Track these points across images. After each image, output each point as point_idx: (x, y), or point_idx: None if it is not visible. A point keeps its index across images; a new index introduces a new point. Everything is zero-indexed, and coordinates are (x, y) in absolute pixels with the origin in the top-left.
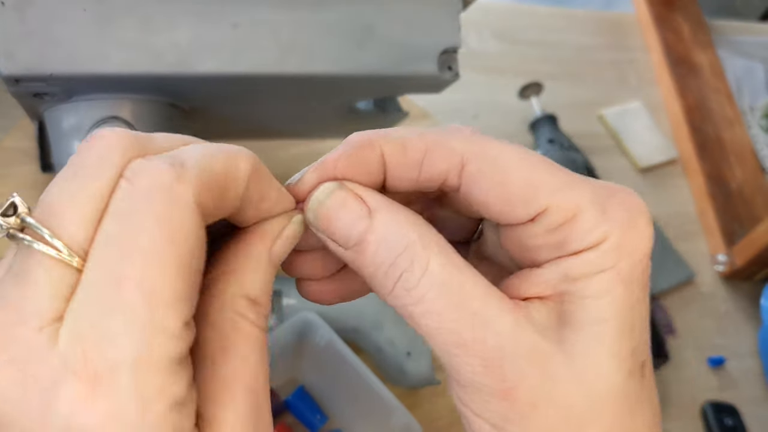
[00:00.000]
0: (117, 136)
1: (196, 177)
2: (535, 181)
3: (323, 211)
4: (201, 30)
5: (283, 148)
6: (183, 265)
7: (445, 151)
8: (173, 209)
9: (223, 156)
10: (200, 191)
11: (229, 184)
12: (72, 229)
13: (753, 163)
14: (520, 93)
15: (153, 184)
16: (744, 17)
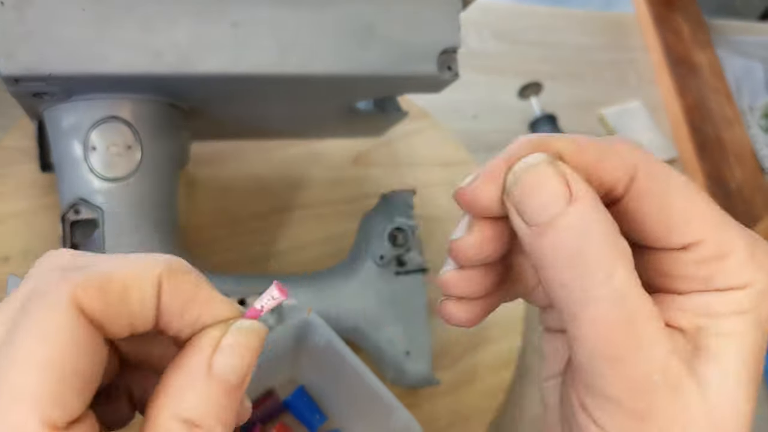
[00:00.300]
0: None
1: (82, 279)
2: (696, 211)
3: (526, 178)
4: (201, 30)
5: (282, 148)
6: (53, 365)
7: (620, 159)
8: (47, 311)
9: (128, 262)
10: (83, 292)
11: (130, 291)
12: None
13: (752, 163)
14: (519, 93)
15: (34, 286)
16: (744, 17)
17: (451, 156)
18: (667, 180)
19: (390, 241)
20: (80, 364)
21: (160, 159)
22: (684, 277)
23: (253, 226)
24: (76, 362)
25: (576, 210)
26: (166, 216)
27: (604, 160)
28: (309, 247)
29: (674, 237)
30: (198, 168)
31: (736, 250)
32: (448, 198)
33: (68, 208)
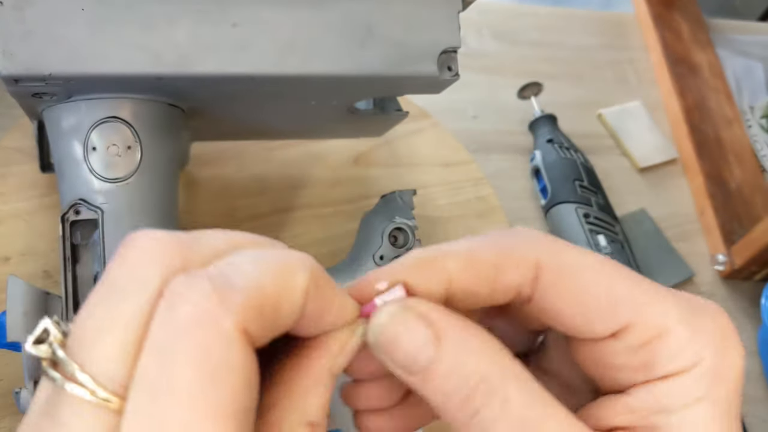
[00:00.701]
0: (155, 243)
1: (243, 302)
2: (616, 293)
3: (385, 336)
4: (201, 30)
5: (282, 148)
6: (228, 406)
7: (518, 262)
8: (215, 345)
9: (276, 271)
10: (247, 318)
11: (282, 305)
12: (106, 365)
13: (752, 163)
14: (519, 93)
15: (194, 313)
16: (744, 17)
17: (451, 156)
18: (576, 268)
19: (390, 241)
20: (250, 401)
21: (160, 159)
22: (622, 366)
23: (253, 226)
24: (250, 398)
25: (446, 351)
26: (167, 216)
27: (500, 266)
28: (309, 247)
29: (598, 325)
30: (198, 168)
31: (670, 328)
32: (448, 198)
33: (68, 209)
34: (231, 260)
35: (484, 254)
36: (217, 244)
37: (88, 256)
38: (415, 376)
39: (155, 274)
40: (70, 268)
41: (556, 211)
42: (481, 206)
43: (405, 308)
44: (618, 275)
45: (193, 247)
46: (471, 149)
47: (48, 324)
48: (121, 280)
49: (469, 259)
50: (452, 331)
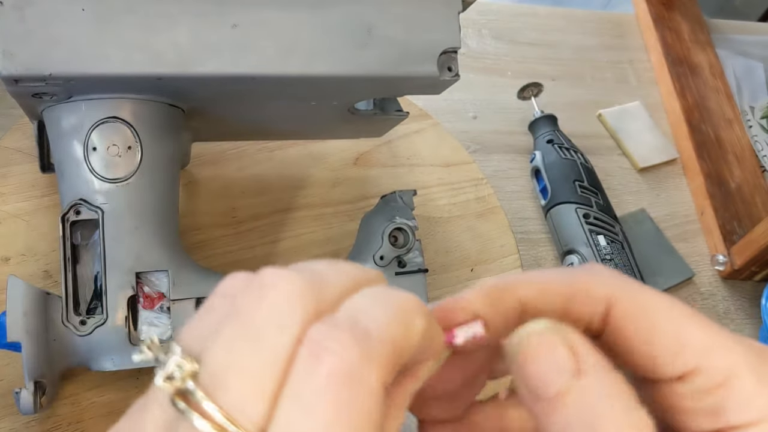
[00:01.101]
0: (293, 287)
1: (382, 355)
2: (685, 335)
3: (528, 350)
4: (201, 30)
5: (282, 149)
6: None
7: (589, 298)
8: (361, 400)
9: (402, 317)
10: (387, 372)
11: (406, 349)
12: (242, 404)
13: (752, 163)
14: (519, 93)
15: (340, 366)
16: (744, 17)
17: (451, 156)
18: (647, 308)
19: (390, 241)
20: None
21: (160, 159)
22: (690, 410)
23: (253, 226)
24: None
25: (586, 384)
26: (167, 216)
27: (571, 299)
28: (310, 247)
29: (665, 368)
30: (198, 168)
31: (738, 374)
32: (448, 198)
33: (68, 209)
34: (358, 306)
35: (556, 286)
36: (343, 284)
37: (89, 257)
38: (540, 402)
39: (295, 319)
40: (71, 269)
41: (556, 211)
42: (481, 206)
43: (557, 331)
44: (688, 318)
45: (324, 291)
46: (471, 150)
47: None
48: (259, 320)
49: (541, 289)
50: (594, 370)
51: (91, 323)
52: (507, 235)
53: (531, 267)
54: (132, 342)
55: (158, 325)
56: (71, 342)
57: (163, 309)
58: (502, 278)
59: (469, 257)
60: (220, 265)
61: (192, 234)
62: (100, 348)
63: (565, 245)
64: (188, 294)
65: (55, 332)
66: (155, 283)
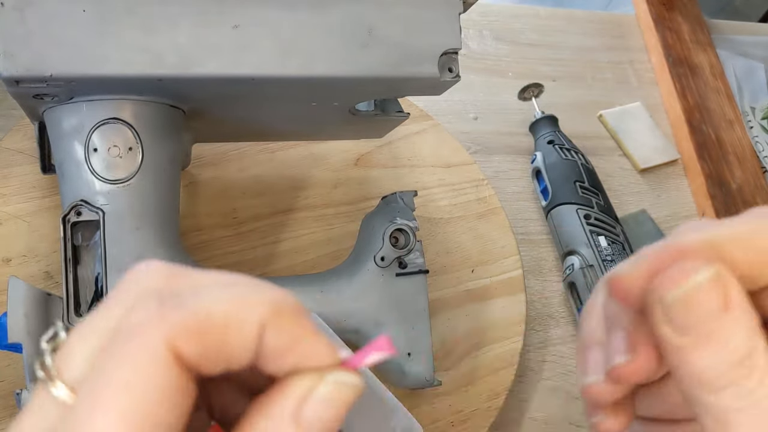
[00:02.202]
0: (146, 268)
1: (180, 322)
2: None
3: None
4: (202, 32)
5: (283, 150)
6: (136, 416)
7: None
8: (139, 354)
9: (232, 300)
10: (182, 338)
11: (230, 331)
12: (75, 365)
13: (753, 164)
14: (520, 94)
15: (133, 324)
16: (744, 17)
17: (451, 157)
18: None
19: (391, 242)
20: (166, 416)
21: (161, 160)
22: None
23: (254, 227)
24: (163, 415)
25: (734, 317)
26: (168, 217)
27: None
28: (310, 248)
29: None
30: (199, 169)
31: None
32: (449, 199)
33: (69, 210)
34: (199, 289)
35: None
36: (206, 280)
37: (89, 258)
38: (687, 336)
39: (133, 292)
40: (71, 270)
41: (557, 212)
42: (481, 207)
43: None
44: None
45: (181, 279)
46: (472, 150)
47: (59, 328)
48: (109, 298)
49: (753, 247)
50: (740, 305)
51: None
52: (508, 236)
53: (532, 268)
54: None
55: None
56: None
57: None
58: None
59: (469, 258)
60: (221, 266)
61: (193, 235)
62: None
63: (566, 246)
64: None
65: None
66: None
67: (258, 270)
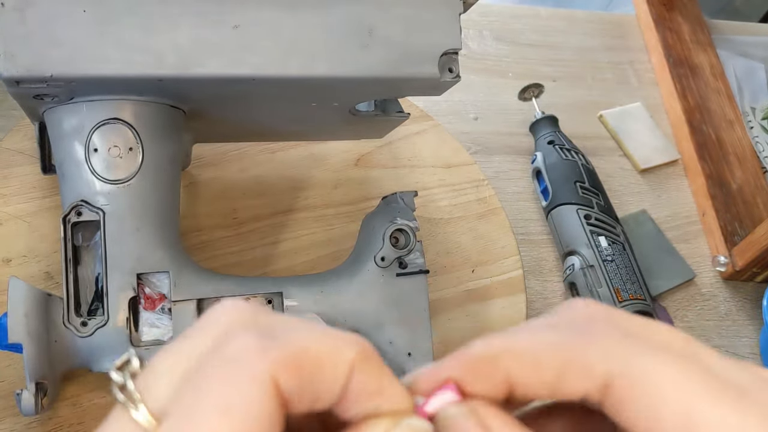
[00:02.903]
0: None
1: (282, 352)
2: (693, 413)
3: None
4: (202, 32)
5: (284, 150)
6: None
7: (584, 370)
8: (242, 382)
9: (325, 338)
10: (282, 368)
11: (325, 368)
12: (159, 391)
13: (754, 164)
14: (520, 94)
15: (234, 353)
16: (745, 18)
17: (452, 158)
18: (653, 378)
19: (391, 242)
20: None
21: (161, 161)
22: None
23: (254, 227)
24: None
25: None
26: (168, 218)
27: (565, 374)
28: (311, 248)
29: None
30: (199, 170)
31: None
32: (449, 200)
33: (69, 210)
34: (289, 325)
35: (547, 358)
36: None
37: (90, 258)
38: None
39: (221, 322)
40: (72, 270)
41: (557, 212)
42: (482, 208)
43: (470, 413)
44: (698, 388)
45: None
46: (472, 151)
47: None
48: (194, 328)
49: (532, 362)
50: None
51: (92, 324)
52: (508, 237)
53: (532, 268)
54: (133, 343)
55: (159, 326)
56: (72, 343)
57: (164, 310)
58: (488, 345)
59: (470, 258)
60: (221, 267)
61: (193, 235)
62: (101, 349)
63: (566, 246)
64: (189, 295)
65: (56, 333)
66: (156, 284)
67: (258, 270)
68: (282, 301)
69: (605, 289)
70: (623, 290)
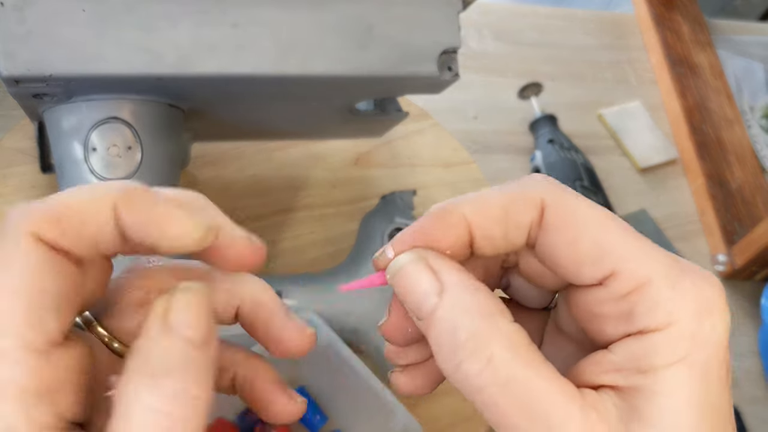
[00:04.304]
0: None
1: (38, 213)
2: (606, 242)
3: (398, 279)
4: (201, 31)
5: (283, 149)
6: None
7: (526, 202)
8: (7, 244)
9: (84, 190)
10: (40, 222)
11: (85, 215)
12: None
13: (753, 163)
14: (519, 93)
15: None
16: (744, 17)
17: (451, 156)
18: (574, 212)
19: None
20: (47, 285)
21: (160, 160)
22: (606, 316)
23: (253, 226)
24: (41, 284)
25: (446, 303)
26: None
27: (509, 206)
28: (310, 247)
29: (586, 271)
30: (199, 169)
31: (652, 280)
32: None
33: None
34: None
35: (494, 197)
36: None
37: None
38: (420, 320)
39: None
40: None
41: None
42: None
43: (418, 259)
44: (612, 226)
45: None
46: (471, 150)
47: None
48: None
49: (481, 202)
50: (455, 286)
51: None
52: None
53: None
54: None
55: None
56: None
57: None
58: (448, 200)
59: None
60: None
61: None
62: None
63: None
64: None
65: None
66: None
67: (257, 269)
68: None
69: None
70: None
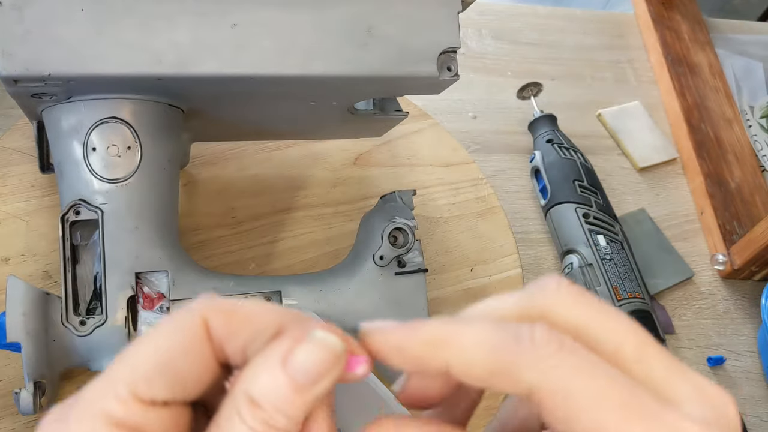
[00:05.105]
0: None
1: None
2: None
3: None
4: (200, 31)
5: (282, 149)
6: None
7: (511, 379)
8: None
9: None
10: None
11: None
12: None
13: (752, 163)
14: (519, 93)
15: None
16: (743, 16)
17: (450, 156)
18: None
19: (390, 241)
20: (181, 363)
21: (159, 160)
22: None
23: (253, 226)
24: (177, 359)
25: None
26: (166, 217)
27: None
28: (309, 247)
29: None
30: (198, 169)
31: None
32: (448, 198)
33: (68, 209)
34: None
35: (481, 360)
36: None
37: (88, 257)
38: None
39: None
40: (70, 269)
41: (556, 211)
42: (480, 206)
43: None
44: (616, 405)
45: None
46: (471, 149)
47: None
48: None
49: (468, 361)
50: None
51: (91, 324)
52: (507, 235)
53: (531, 267)
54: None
55: None
56: (71, 342)
57: (162, 309)
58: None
59: (468, 257)
60: (219, 266)
61: (191, 234)
62: (100, 348)
63: (565, 245)
64: (188, 294)
65: (54, 333)
66: (155, 283)
67: (257, 269)
68: (281, 300)
69: (604, 288)
70: (622, 289)
